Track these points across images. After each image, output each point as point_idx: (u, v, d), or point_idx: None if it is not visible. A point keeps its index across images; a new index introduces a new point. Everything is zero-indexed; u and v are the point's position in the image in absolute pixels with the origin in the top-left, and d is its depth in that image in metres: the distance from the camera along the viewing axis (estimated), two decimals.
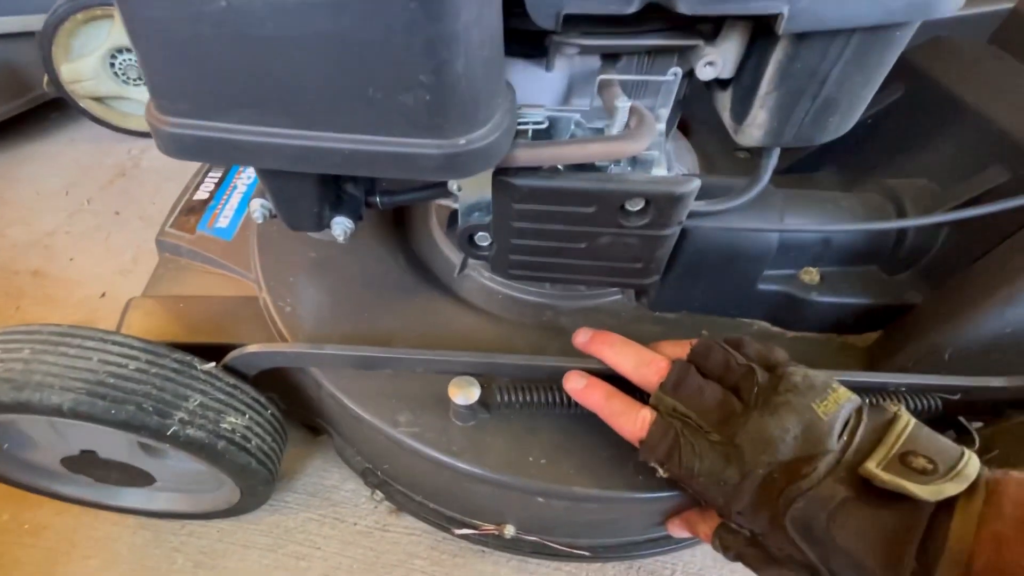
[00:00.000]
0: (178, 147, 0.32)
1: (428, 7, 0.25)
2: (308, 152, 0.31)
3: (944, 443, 0.32)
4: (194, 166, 0.78)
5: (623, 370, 0.41)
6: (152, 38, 0.28)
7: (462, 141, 0.30)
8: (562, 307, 0.56)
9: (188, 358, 0.43)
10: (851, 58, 0.33)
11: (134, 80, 1.09)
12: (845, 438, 0.32)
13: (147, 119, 0.32)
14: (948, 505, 0.29)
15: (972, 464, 0.30)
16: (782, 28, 0.31)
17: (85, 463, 0.47)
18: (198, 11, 0.26)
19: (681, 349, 0.42)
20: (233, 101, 0.29)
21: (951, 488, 0.29)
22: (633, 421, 0.39)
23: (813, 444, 0.32)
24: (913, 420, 0.33)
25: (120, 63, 1.06)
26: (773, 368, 0.37)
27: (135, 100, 1.10)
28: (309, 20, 0.26)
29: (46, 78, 1.05)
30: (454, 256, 0.59)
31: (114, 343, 0.40)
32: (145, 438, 0.40)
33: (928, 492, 0.29)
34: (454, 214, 0.61)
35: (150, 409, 0.38)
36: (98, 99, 1.10)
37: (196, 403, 0.41)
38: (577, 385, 0.42)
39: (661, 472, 0.38)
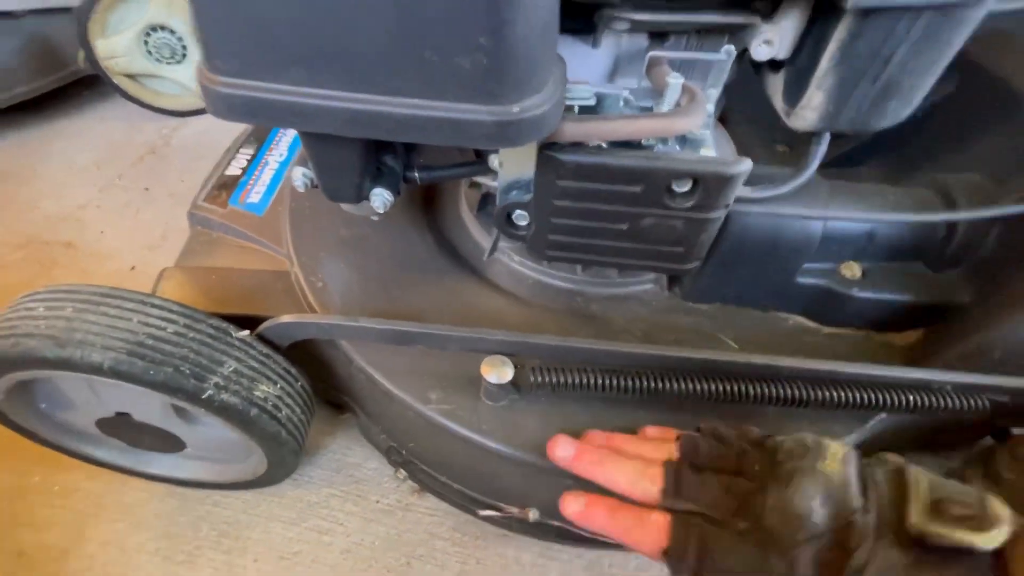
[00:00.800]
0: (228, 108, 0.32)
1: None
2: (360, 116, 0.30)
3: (958, 485, 0.32)
4: (224, 145, 0.78)
5: (620, 490, 0.38)
6: None
7: (515, 109, 0.30)
8: (592, 294, 0.55)
9: (224, 325, 0.43)
10: (918, 38, 0.32)
11: (167, 59, 1.10)
12: (870, 495, 0.31)
13: (198, 79, 0.32)
14: (997, 552, 0.28)
15: (995, 504, 0.29)
16: (850, 4, 0.30)
17: (119, 425, 0.48)
18: None
19: (664, 434, 0.41)
20: (287, 61, 0.29)
21: (1002, 534, 0.28)
22: (649, 532, 0.35)
23: (842, 506, 0.31)
24: (915, 466, 0.32)
25: (154, 41, 1.07)
26: (759, 444, 0.36)
27: (167, 79, 1.12)
28: None
29: (81, 54, 1.06)
30: (483, 239, 0.59)
31: (153, 306, 0.40)
32: (181, 401, 0.40)
33: (986, 540, 0.28)
34: (485, 197, 0.61)
35: (187, 372, 0.39)
36: (131, 76, 1.11)
37: (231, 369, 0.41)
38: (577, 508, 0.39)
39: None
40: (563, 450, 0.40)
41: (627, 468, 0.38)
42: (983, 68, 0.51)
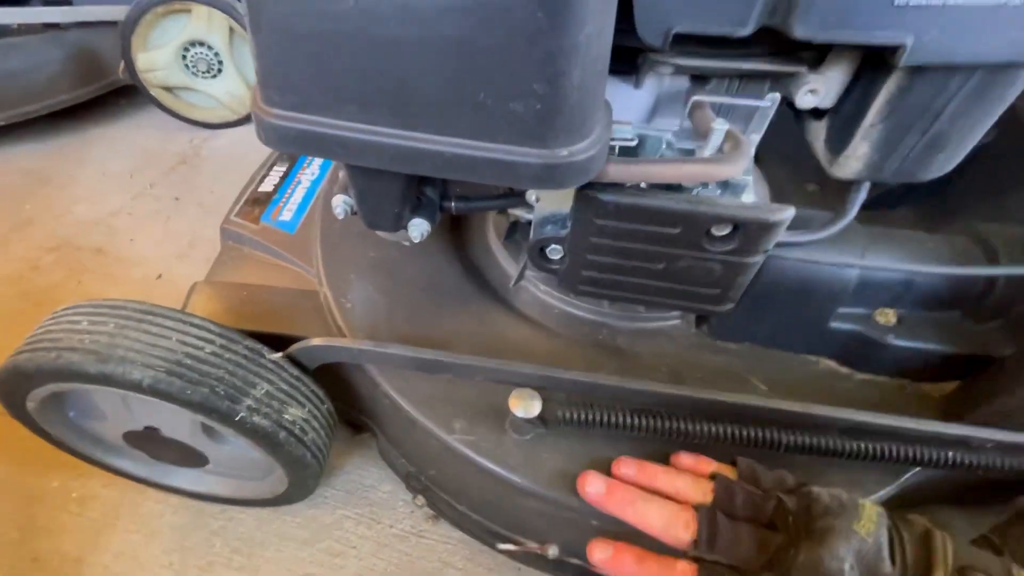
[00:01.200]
0: (280, 138, 0.32)
1: (554, 19, 0.25)
2: (410, 153, 0.31)
3: (985, 554, 0.32)
4: (253, 158, 0.80)
5: (652, 532, 0.38)
6: (272, 30, 0.28)
7: (564, 152, 0.30)
8: (619, 327, 0.55)
9: (258, 346, 0.44)
10: (969, 95, 0.32)
11: (203, 73, 1.13)
12: (898, 561, 0.31)
13: (252, 109, 0.33)
14: None
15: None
16: (903, 60, 0.30)
17: (146, 439, 0.48)
18: (324, 8, 0.27)
19: (699, 464, 0.41)
20: (343, 98, 0.30)
21: None
22: None
23: (872, 570, 0.31)
24: (942, 531, 0.33)
25: (192, 56, 1.11)
26: (794, 491, 0.36)
27: (202, 92, 1.15)
28: (434, 23, 0.26)
29: (122, 65, 1.10)
30: (510, 267, 0.59)
31: (192, 325, 0.41)
32: (214, 421, 0.41)
33: None
34: (513, 224, 0.61)
35: (222, 393, 0.39)
36: (168, 89, 1.14)
37: (263, 392, 0.41)
38: (604, 556, 0.39)
39: None
40: (594, 486, 0.40)
41: (660, 511, 0.38)
42: (1021, 118, 0.50)
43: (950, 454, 0.40)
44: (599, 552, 0.38)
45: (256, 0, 0.28)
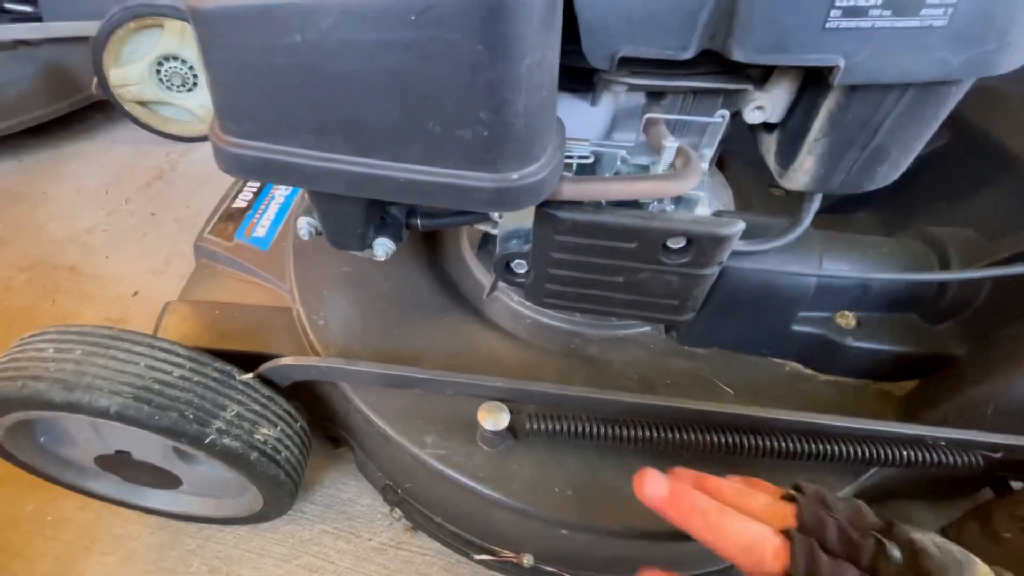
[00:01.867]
0: (238, 166, 0.33)
1: (494, 51, 0.26)
2: (365, 179, 0.31)
3: None
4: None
5: (727, 553, 0.31)
6: (226, 63, 0.29)
7: (514, 176, 0.31)
8: (590, 335, 0.56)
9: (228, 368, 0.44)
10: (904, 111, 0.33)
11: (177, 87, 1.12)
12: None
13: (210, 137, 0.33)
14: None
15: None
16: (837, 80, 0.31)
17: (118, 463, 0.48)
18: (273, 43, 0.27)
19: (753, 486, 0.34)
20: (297, 127, 0.30)
21: None
22: None
23: None
24: None
25: (165, 70, 1.10)
26: (889, 534, 0.30)
27: (176, 106, 1.14)
28: (378, 57, 0.27)
29: (95, 81, 1.09)
30: (484, 277, 0.60)
31: (160, 349, 0.41)
32: (183, 445, 0.41)
33: None
34: (485, 236, 0.62)
35: (191, 417, 0.39)
36: (142, 103, 1.14)
37: (233, 413, 0.42)
38: None
39: None
40: (653, 487, 0.33)
41: (744, 529, 0.31)
42: (973, 125, 0.52)
43: (906, 452, 0.41)
44: None
45: (206, 33, 0.28)
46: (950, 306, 0.49)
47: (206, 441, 0.40)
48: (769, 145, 0.41)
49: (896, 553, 0.29)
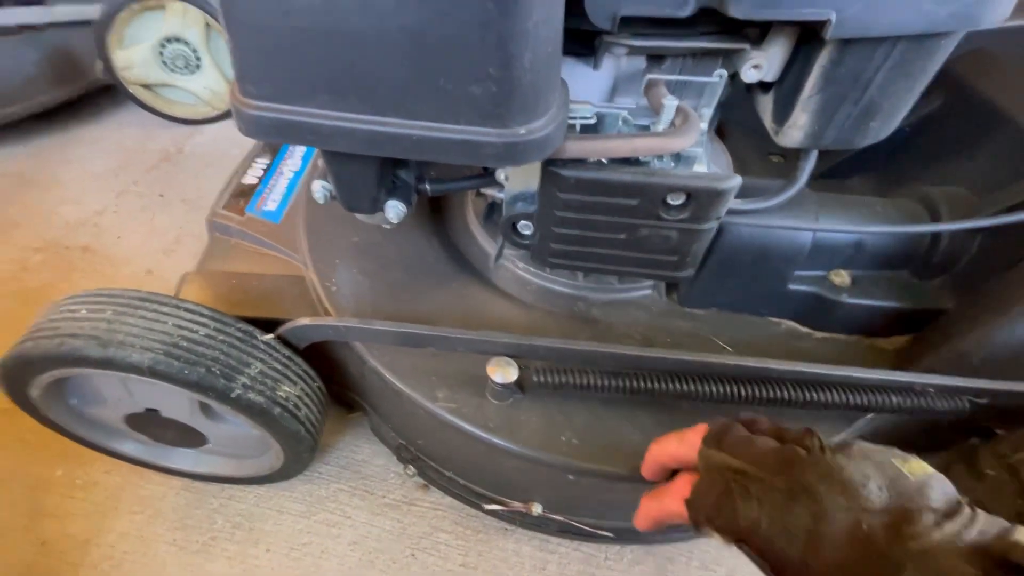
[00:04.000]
0: (258, 128, 0.35)
1: (503, 6, 0.27)
2: (380, 137, 0.33)
3: None
4: (234, 153, 0.81)
5: (668, 450, 0.37)
6: (246, 26, 0.30)
7: (522, 131, 0.32)
8: (593, 299, 0.58)
9: (250, 328, 0.46)
10: (895, 64, 0.35)
11: (181, 69, 1.13)
12: (963, 516, 0.27)
13: (230, 101, 0.35)
14: None
15: None
16: (829, 34, 0.32)
17: (147, 421, 0.51)
18: (290, 5, 0.29)
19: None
20: (315, 88, 0.32)
21: None
22: (673, 490, 0.35)
23: (906, 497, 0.27)
24: None
25: (169, 52, 1.11)
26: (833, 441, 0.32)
27: (181, 88, 1.15)
28: (391, 15, 0.28)
29: (99, 64, 1.10)
30: (490, 246, 0.62)
31: (186, 310, 0.43)
32: (211, 399, 0.43)
33: None
34: (491, 206, 0.64)
35: (218, 373, 0.42)
36: (146, 86, 1.15)
37: (257, 370, 0.44)
38: (638, 521, 0.38)
39: (716, 536, 0.32)
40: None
41: (678, 432, 0.37)
42: (967, 86, 0.53)
43: (895, 399, 0.43)
44: (639, 522, 0.38)
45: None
46: (941, 261, 0.50)
47: (232, 395, 0.42)
48: (765, 104, 0.42)
49: (828, 442, 0.31)
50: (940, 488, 0.28)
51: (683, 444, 0.37)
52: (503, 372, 0.45)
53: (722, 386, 0.44)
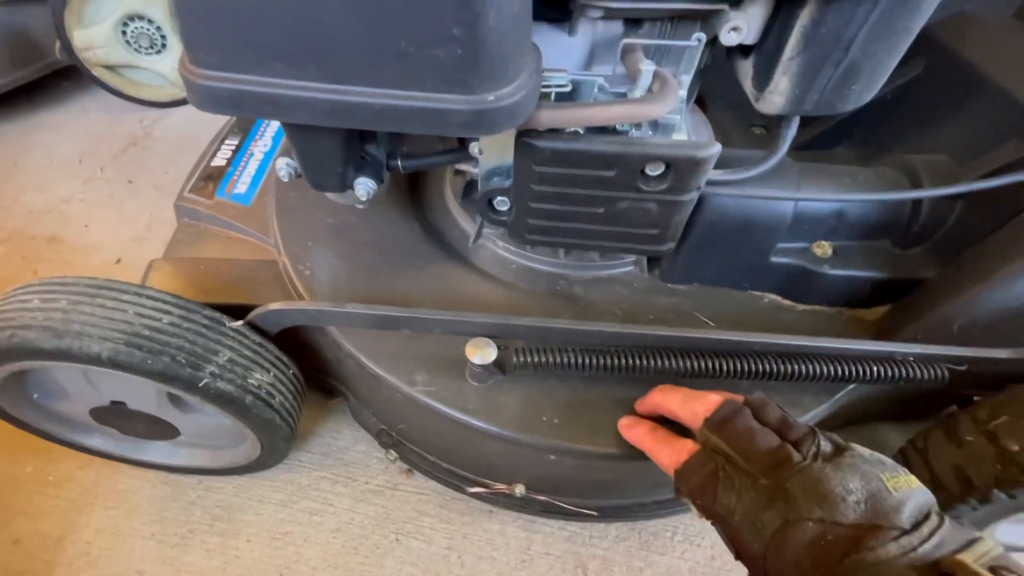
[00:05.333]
0: (210, 100, 0.33)
1: None
2: (340, 107, 0.31)
3: None
4: (207, 136, 0.78)
5: (670, 407, 0.40)
6: None
7: (490, 97, 0.31)
8: (575, 276, 0.57)
9: (217, 315, 0.44)
10: (877, 23, 0.34)
11: (146, 49, 1.08)
12: (924, 530, 0.28)
13: (180, 72, 0.33)
14: None
15: None
16: None
17: (114, 414, 0.49)
18: None
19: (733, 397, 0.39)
20: (268, 54, 0.30)
21: None
22: (672, 450, 0.37)
23: (881, 515, 0.28)
24: (998, 544, 0.29)
25: (132, 31, 1.06)
26: (833, 441, 0.33)
27: (147, 69, 1.10)
28: None
29: (58, 45, 1.05)
30: (469, 226, 0.60)
31: (148, 297, 0.41)
32: (178, 390, 0.41)
33: None
34: (469, 184, 0.62)
35: (183, 361, 0.40)
36: (110, 67, 1.10)
37: (225, 358, 0.42)
38: (625, 423, 0.43)
39: (693, 509, 0.35)
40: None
41: (683, 391, 0.40)
42: (949, 51, 0.52)
43: (875, 369, 0.43)
44: (622, 422, 0.43)
45: None
46: (922, 230, 0.50)
47: (200, 385, 0.41)
48: (746, 70, 0.41)
49: (824, 442, 0.32)
50: (915, 504, 0.29)
51: (684, 408, 0.39)
52: (481, 353, 0.44)
53: (704, 361, 0.43)
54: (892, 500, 0.29)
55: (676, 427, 0.41)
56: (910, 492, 0.30)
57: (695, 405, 0.38)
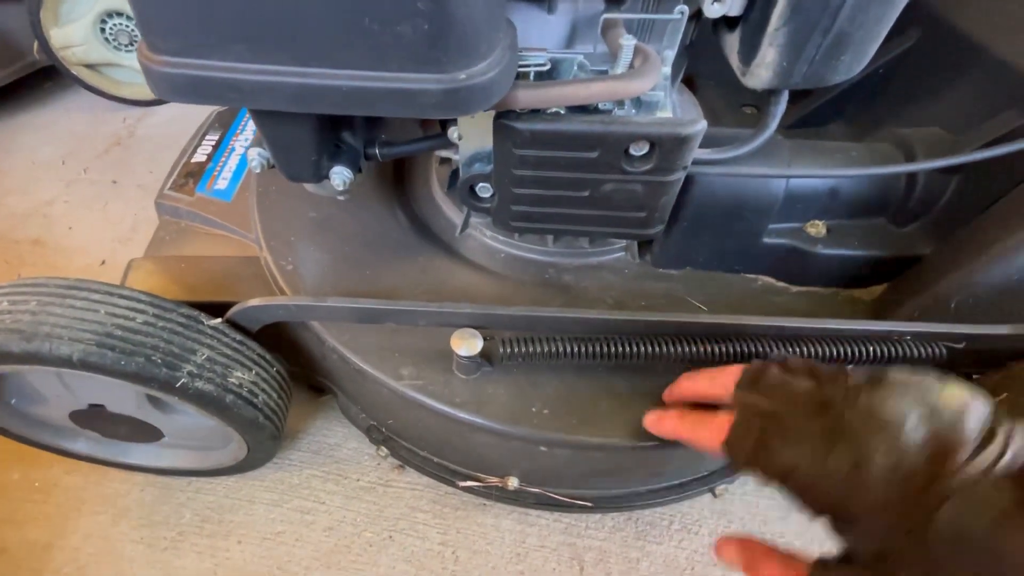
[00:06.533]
0: (171, 87, 0.31)
1: None
2: (306, 90, 0.30)
3: None
4: (190, 134, 0.77)
5: (699, 388, 0.39)
6: None
7: (462, 76, 0.29)
8: (564, 264, 0.55)
9: (194, 313, 0.43)
10: None
11: (126, 46, 1.06)
12: (997, 441, 0.26)
13: (139, 59, 0.31)
14: None
15: None
16: None
17: (94, 417, 0.48)
18: None
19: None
20: (227, 36, 0.29)
21: None
22: (712, 428, 0.35)
23: (944, 431, 0.27)
24: None
25: (111, 28, 1.04)
26: (866, 371, 0.31)
27: (128, 67, 1.08)
28: None
29: (36, 44, 1.03)
30: (455, 216, 0.59)
31: (120, 296, 0.40)
32: (155, 391, 0.40)
33: None
34: (454, 174, 0.61)
35: (159, 361, 0.39)
36: (90, 66, 1.08)
37: (204, 357, 0.41)
38: (651, 419, 0.41)
39: (755, 476, 0.32)
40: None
41: (709, 370, 0.39)
42: (943, 21, 0.51)
43: (872, 348, 0.42)
44: (648, 419, 0.42)
45: None
46: (917, 206, 0.49)
47: (177, 385, 0.40)
48: (732, 43, 0.39)
49: (861, 375, 0.30)
50: (976, 416, 0.27)
51: (715, 384, 0.37)
52: (467, 345, 0.43)
53: (697, 346, 0.42)
54: (949, 413, 0.27)
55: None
56: (963, 403, 0.28)
57: (723, 378, 0.36)
